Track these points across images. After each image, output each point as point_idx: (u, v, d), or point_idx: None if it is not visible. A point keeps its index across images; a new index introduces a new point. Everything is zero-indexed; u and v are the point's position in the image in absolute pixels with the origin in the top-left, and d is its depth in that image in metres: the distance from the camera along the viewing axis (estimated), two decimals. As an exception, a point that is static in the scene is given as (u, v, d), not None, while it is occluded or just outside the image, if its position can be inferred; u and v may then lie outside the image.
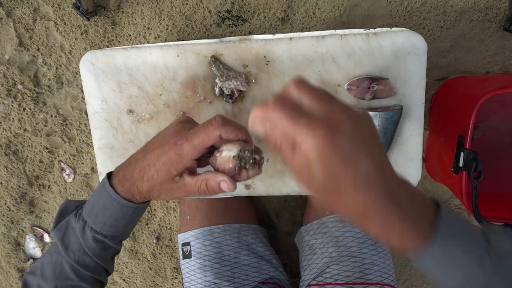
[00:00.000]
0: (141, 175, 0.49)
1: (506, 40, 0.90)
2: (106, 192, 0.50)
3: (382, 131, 0.59)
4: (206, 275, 0.73)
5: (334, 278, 0.70)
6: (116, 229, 0.52)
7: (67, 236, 0.52)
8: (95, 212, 0.51)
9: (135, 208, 0.51)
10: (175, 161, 0.46)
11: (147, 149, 0.50)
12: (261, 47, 0.60)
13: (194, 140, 0.46)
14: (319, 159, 0.35)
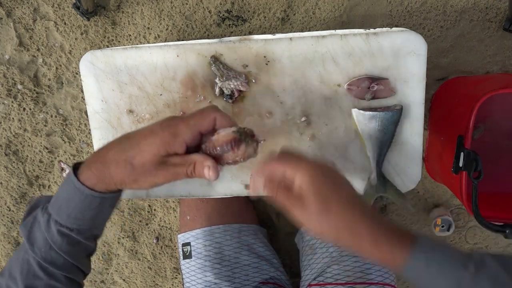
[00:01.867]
0: (118, 156, 0.46)
1: (506, 40, 0.90)
2: (70, 181, 0.47)
3: (382, 131, 0.59)
4: (207, 275, 0.73)
5: (335, 278, 0.70)
6: (82, 222, 0.48)
7: (33, 231, 0.48)
8: (59, 203, 0.47)
9: (101, 198, 0.47)
10: (167, 141, 0.46)
11: (130, 133, 0.48)
12: (261, 47, 0.60)
13: (190, 121, 0.47)
14: (311, 183, 0.44)
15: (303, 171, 0.44)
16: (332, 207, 0.43)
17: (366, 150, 0.61)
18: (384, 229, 0.43)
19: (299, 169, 0.45)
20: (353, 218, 0.43)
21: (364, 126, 0.59)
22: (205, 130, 0.48)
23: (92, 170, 0.47)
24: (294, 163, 0.45)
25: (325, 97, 0.61)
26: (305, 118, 0.62)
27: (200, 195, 0.67)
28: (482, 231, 1.03)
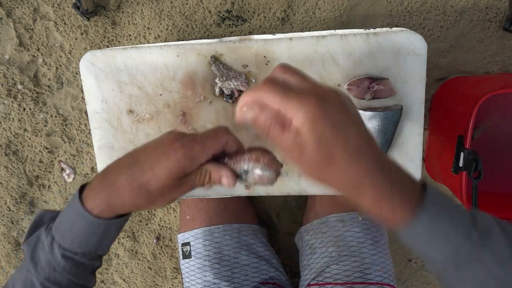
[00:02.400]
0: (131, 182, 0.44)
1: (506, 40, 0.90)
2: (75, 206, 0.45)
3: (382, 131, 0.59)
4: (206, 275, 0.73)
5: (334, 277, 0.70)
6: (86, 247, 0.46)
7: (37, 251, 0.47)
8: (63, 228, 0.46)
9: (107, 225, 0.46)
10: (184, 165, 0.44)
11: (138, 155, 0.45)
12: (261, 47, 0.60)
13: (206, 143, 0.45)
14: (311, 129, 0.37)
15: (304, 112, 0.37)
16: (336, 158, 0.37)
17: (366, 150, 0.61)
18: (390, 185, 0.38)
19: (300, 108, 0.37)
20: (357, 172, 0.38)
21: (364, 126, 0.59)
22: (217, 152, 0.47)
23: (100, 197, 0.45)
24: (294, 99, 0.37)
25: (325, 97, 0.61)
26: (305, 118, 0.62)
27: (200, 195, 0.67)
28: (482, 231, 1.03)
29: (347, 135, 0.38)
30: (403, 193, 0.39)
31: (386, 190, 0.38)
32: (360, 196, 0.39)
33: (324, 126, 0.37)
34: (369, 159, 0.38)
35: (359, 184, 0.38)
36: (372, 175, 0.38)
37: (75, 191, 0.46)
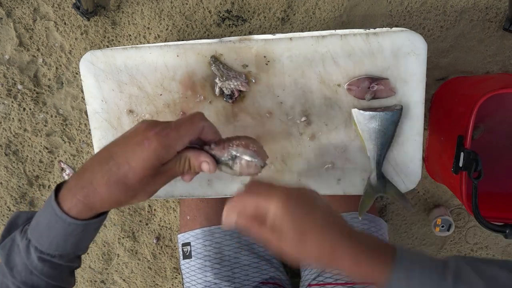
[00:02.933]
0: (107, 178, 0.42)
1: (506, 40, 0.90)
2: (51, 208, 0.43)
3: (382, 131, 0.59)
4: (207, 275, 0.73)
5: (334, 278, 0.70)
6: (64, 249, 0.45)
7: (12, 255, 0.45)
8: (40, 230, 0.44)
9: (85, 225, 0.45)
10: (160, 154, 0.43)
11: (112, 149, 0.44)
12: (261, 47, 0.60)
13: (181, 130, 0.44)
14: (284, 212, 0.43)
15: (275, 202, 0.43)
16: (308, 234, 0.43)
17: (366, 150, 0.61)
18: (364, 247, 0.43)
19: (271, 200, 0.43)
20: (331, 242, 0.43)
21: (364, 126, 0.59)
22: (193, 139, 0.46)
23: (77, 197, 0.43)
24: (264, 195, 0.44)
25: (325, 97, 0.61)
26: (305, 118, 0.62)
27: (200, 195, 0.67)
28: (482, 231, 1.03)
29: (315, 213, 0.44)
30: (376, 254, 0.43)
31: (362, 252, 0.43)
32: (340, 263, 0.43)
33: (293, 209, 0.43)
34: (338, 230, 0.44)
35: (336, 253, 0.43)
36: (346, 241, 0.43)
37: (51, 192, 0.45)
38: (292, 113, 0.62)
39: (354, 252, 0.43)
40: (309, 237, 0.43)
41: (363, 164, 0.63)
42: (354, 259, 0.43)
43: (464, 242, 1.05)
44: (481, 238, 1.04)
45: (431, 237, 1.05)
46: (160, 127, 0.44)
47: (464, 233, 1.04)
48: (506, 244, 1.04)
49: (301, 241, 0.43)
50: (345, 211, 0.75)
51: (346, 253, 0.43)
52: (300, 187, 0.46)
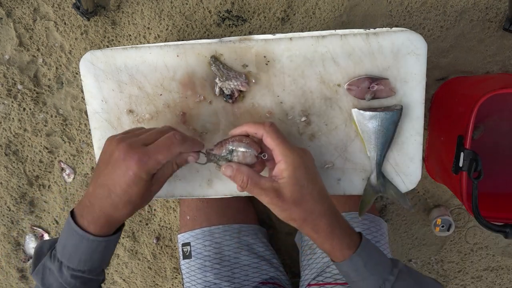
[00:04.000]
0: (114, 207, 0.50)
1: (506, 40, 0.90)
2: (74, 231, 0.51)
3: (382, 131, 0.59)
4: (206, 275, 0.73)
5: (334, 278, 0.70)
6: (91, 264, 0.53)
7: (46, 277, 0.53)
8: (68, 251, 0.52)
9: (107, 241, 0.52)
10: (146, 177, 0.49)
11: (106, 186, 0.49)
12: (261, 47, 0.60)
13: (158, 156, 0.49)
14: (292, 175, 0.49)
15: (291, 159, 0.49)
16: (305, 199, 0.49)
17: (366, 150, 0.61)
18: (339, 227, 0.51)
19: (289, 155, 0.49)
20: (319, 212, 0.49)
21: (364, 126, 0.59)
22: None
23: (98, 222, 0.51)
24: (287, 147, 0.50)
25: (325, 97, 0.61)
26: (305, 118, 0.62)
27: (200, 195, 0.67)
28: (482, 231, 1.03)
29: (315, 183, 0.50)
30: (346, 234, 0.51)
31: (337, 230, 0.50)
32: (317, 233, 0.51)
33: (301, 174, 0.49)
34: (329, 201, 0.51)
35: (319, 223, 0.50)
36: (329, 217, 0.50)
37: (69, 219, 0.52)
38: (292, 113, 0.62)
39: (332, 228, 0.50)
40: (304, 204, 0.49)
41: (363, 164, 0.63)
42: (330, 234, 0.50)
43: (464, 242, 1.05)
44: (481, 238, 1.04)
45: (431, 237, 1.05)
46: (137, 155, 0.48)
47: (464, 233, 1.04)
48: (506, 244, 1.04)
49: (296, 205, 0.49)
50: (345, 211, 0.76)
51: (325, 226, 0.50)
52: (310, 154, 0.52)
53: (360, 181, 0.64)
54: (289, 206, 0.49)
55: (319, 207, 0.50)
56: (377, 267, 0.51)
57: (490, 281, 1.08)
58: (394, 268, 0.51)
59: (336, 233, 0.50)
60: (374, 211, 0.87)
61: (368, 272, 0.51)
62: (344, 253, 0.51)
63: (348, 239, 0.51)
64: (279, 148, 0.50)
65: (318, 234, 0.50)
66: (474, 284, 1.08)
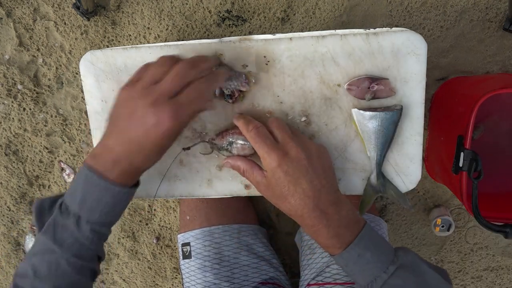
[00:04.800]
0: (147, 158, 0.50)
1: (506, 40, 0.90)
2: (97, 184, 0.50)
3: (382, 131, 0.59)
4: (206, 275, 0.73)
5: (334, 277, 0.70)
6: (112, 216, 0.53)
7: (58, 234, 0.51)
8: (89, 205, 0.50)
9: (130, 191, 0.53)
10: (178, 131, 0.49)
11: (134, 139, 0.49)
12: (261, 47, 0.60)
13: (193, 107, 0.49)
14: (271, 175, 0.52)
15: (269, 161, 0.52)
16: (287, 198, 0.51)
17: (366, 150, 0.61)
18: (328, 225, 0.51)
19: (267, 157, 0.52)
20: (303, 211, 0.51)
21: (364, 126, 0.59)
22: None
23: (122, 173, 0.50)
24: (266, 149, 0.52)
25: (325, 97, 0.61)
26: (305, 118, 0.62)
27: (200, 195, 0.67)
28: (482, 231, 1.03)
29: (297, 184, 0.51)
30: (337, 232, 0.51)
31: (322, 227, 0.51)
32: (302, 225, 0.53)
33: (279, 177, 0.51)
34: (311, 205, 0.51)
35: (303, 219, 0.52)
36: (311, 214, 0.51)
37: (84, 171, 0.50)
38: (292, 113, 0.62)
39: (317, 225, 0.51)
40: (286, 201, 0.52)
41: (363, 164, 0.63)
42: (315, 229, 0.52)
43: (464, 242, 1.05)
44: (481, 238, 1.04)
45: (431, 237, 1.05)
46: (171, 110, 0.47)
47: (464, 233, 1.04)
48: (506, 244, 1.04)
49: (280, 200, 0.52)
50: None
51: (309, 223, 0.51)
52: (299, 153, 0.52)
53: (360, 181, 0.64)
54: (275, 201, 0.54)
55: (301, 206, 0.51)
56: (368, 265, 0.51)
57: (490, 281, 1.08)
58: (390, 265, 0.51)
59: (323, 231, 0.51)
60: (374, 211, 0.87)
61: (359, 269, 0.51)
62: (334, 249, 0.52)
63: (341, 235, 0.52)
64: (258, 151, 0.53)
65: (306, 229, 0.53)
66: (474, 284, 1.08)
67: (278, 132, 0.55)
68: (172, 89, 0.48)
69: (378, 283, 0.50)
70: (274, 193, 0.53)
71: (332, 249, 0.52)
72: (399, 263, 0.51)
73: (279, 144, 0.53)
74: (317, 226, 0.51)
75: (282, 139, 0.54)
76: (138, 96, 0.48)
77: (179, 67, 0.50)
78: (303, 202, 0.51)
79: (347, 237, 0.52)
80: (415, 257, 0.53)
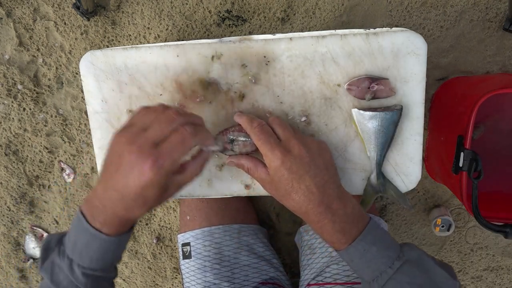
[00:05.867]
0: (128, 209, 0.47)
1: (506, 40, 0.90)
2: (85, 229, 0.49)
3: (382, 131, 0.59)
4: (206, 275, 0.73)
5: (334, 277, 0.70)
6: (103, 262, 0.51)
7: (55, 274, 0.52)
8: (79, 249, 0.50)
9: (119, 240, 0.51)
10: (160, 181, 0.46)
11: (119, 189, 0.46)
12: (261, 47, 0.60)
13: (173, 155, 0.46)
14: (274, 173, 0.53)
15: (270, 159, 0.52)
16: (291, 195, 0.52)
17: (366, 150, 0.61)
18: (333, 221, 0.51)
19: (268, 155, 0.52)
20: (307, 208, 0.52)
21: (364, 126, 0.59)
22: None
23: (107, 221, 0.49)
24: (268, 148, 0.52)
25: (325, 97, 0.61)
26: (305, 118, 0.62)
27: (200, 195, 0.67)
28: (482, 231, 1.03)
29: (301, 181, 0.51)
30: (342, 228, 0.52)
31: (326, 223, 0.51)
32: (307, 221, 0.54)
33: (282, 175, 0.52)
34: (316, 201, 0.51)
35: (307, 215, 0.52)
36: (316, 211, 0.51)
37: (79, 216, 0.50)
38: (292, 113, 0.62)
39: (322, 221, 0.51)
40: (290, 198, 0.52)
41: (363, 164, 0.63)
42: (320, 225, 0.52)
43: (464, 242, 1.05)
44: (481, 238, 1.04)
45: (431, 237, 1.05)
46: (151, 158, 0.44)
47: (464, 233, 1.04)
48: (506, 244, 1.04)
49: (284, 197, 0.53)
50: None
51: (314, 219, 0.52)
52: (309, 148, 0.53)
53: (360, 181, 0.64)
54: (280, 198, 0.54)
55: (305, 202, 0.51)
56: (374, 260, 0.51)
57: (490, 281, 1.08)
58: (396, 261, 0.51)
59: (328, 227, 0.52)
60: (374, 211, 0.87)
61: (364, 264, 0.51)
62: (340, 244, 0.52)
63: (346, 230, 0.52)
64: (260, 148, 0.53)
65: (312, 225, 0.53)
66: (474, 284, 1.08)
67: (280, 130, 0.55)
68: (156, 137, 0.46)
69: (383, 279, 0.50)
70: (278, 190, 0.53)
71: (338, 245, 0.52)
72: (405, 258, 0.51)
73: (282, 142, 0.54)
74: (322, 221, 0.51)
75: (285, 137, 0.54)
76: (126, 142, 0.46)
77: (166, 113, 0.49)
78: (307, 198, 0.51)
79: (352, 232, 0.52)
80: (421, 253, 0.53)
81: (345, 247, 0.52)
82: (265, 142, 0.53)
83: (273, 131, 0.55)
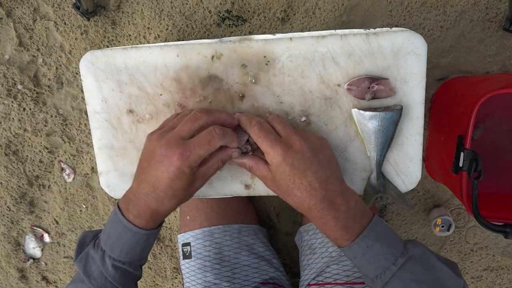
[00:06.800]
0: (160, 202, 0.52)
1: (506, 40, 0.90)
2: (119, 221, 0.53)
3: (382, 131, 0.59)
4: (206, 275, 0.73)
5: (334, 277, 0.70)
6: (132, 256, 0.55)
7: (88, 265, 0.55)
8: (111, 241, 0.54)
9: (148, 234, 0.54)
10: (186, 172, 0.51)
11: (146, 179, 0.52)
12: (261, 47, 0.60)
13: (199, 151, 0.50)
14: (275, 169, 0.52)
15: (272, 156, 0.52)
16: (293, 191, 0.51)
17: (366, 150, 0.61)
18: (336, 218, 0.51)
19: (270, 152, 0.52)
20: (309, 204, 0.51)
21: (364, 126, 0.59)
22: None
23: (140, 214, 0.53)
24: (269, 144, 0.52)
25: (325, 97, 0.61)
26: (305, 118, 0.62)
27: (200, 195, 0.67)
28: (482, 231, 1.03)
29: (303, 177, 0.51)
30: (345, 224, 0.51)
31: (329, 219, 0.51)
32: (310, 217, 0.53)
33: (284, 171, 0.51)
34: (318, 197, 0.51)
35: (310, 212, 0.52)
36: (319, 207, 0.51)
37: (115, 209, 0.55)
38: (292, 113, 0.62)
39: (325, 218, 0.51)
40: (292, 194, 0.52)
41: (363, 164, 0.63)
42: (323, 222, 0.51)
43: (464, 242, 1.05)
44: (481, 238, 1.04)
45: (431, 237, 1.05)
46: (179, 150, 0.50)
47: (464, 233, 1.04)
48: (506, 244, 1.04)
49: (286, 193, 0.53)
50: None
51: (317, 215, 0.51)
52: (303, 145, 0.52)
53: (360, 181, 0.64)
54: (282, 195, 0.54)
55: (308, 198, 0.51)
56: (377, 257, 0.51)
57: (490, 281, 1.08)
58: (400, 258, 0.50)
59: (331, 223, 0.51)
60: (374, 211, 0.87)
61: (367, 261, 0.51)
62: (343, 241, 0.52)
63: (349, 226, 0.51)
64: (261, 146, 0.53)
65: (314, 221, 0.53)
66: (474, 284, 1.08)
67: (281, 127, 0.55)
68: (183, 133, 0.51)
69: (387, 275, 0.50)
70: (280, 187, 0.53)
71: (341, 241, 0.52)
72: (409, 255, 0.51)
73: (282, 138, 0.53)
74: (325, 217, 0.51)
75: (285, 134, 0.54)
76: (156, 139, 0.52)
77: (195, 111, 0.54)
78: (310, 194, 0.51)
79: (356, 229, 0.51)
80: (425, 250, 0.52)
81: (348, 244, 0.51)
82: (265, 139, 0.53)
83: (274, 129, 0.55)
